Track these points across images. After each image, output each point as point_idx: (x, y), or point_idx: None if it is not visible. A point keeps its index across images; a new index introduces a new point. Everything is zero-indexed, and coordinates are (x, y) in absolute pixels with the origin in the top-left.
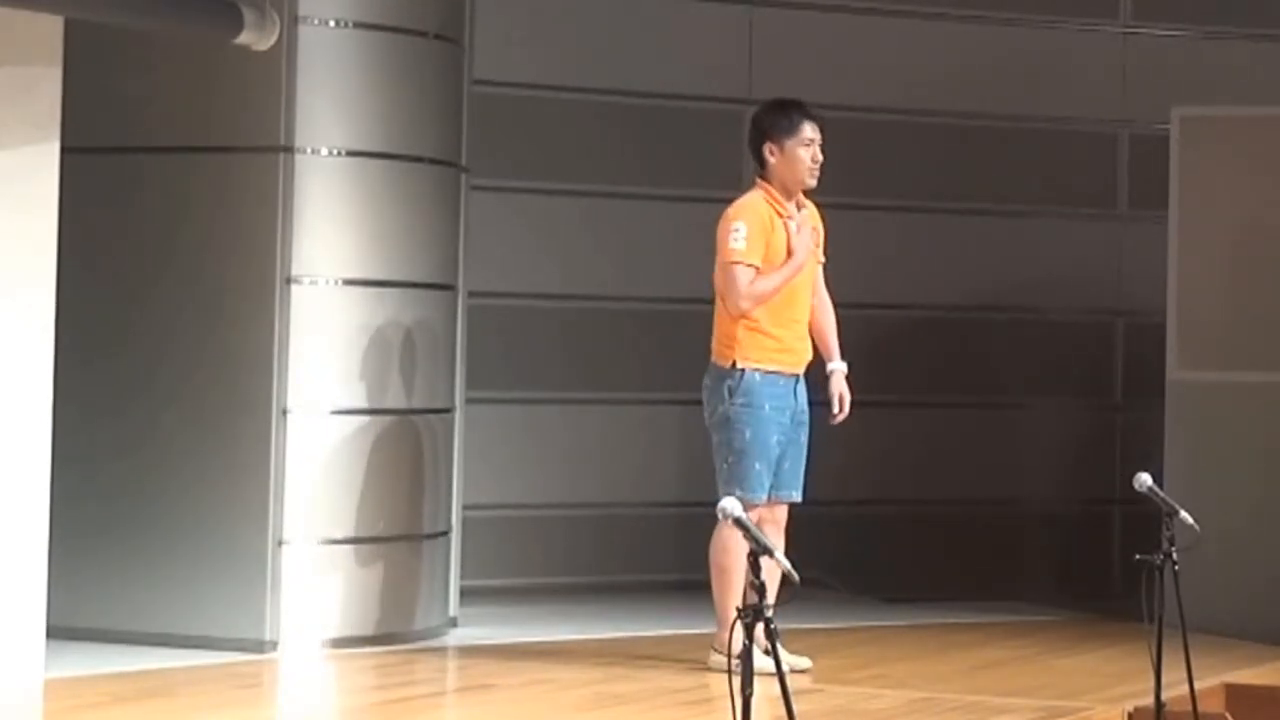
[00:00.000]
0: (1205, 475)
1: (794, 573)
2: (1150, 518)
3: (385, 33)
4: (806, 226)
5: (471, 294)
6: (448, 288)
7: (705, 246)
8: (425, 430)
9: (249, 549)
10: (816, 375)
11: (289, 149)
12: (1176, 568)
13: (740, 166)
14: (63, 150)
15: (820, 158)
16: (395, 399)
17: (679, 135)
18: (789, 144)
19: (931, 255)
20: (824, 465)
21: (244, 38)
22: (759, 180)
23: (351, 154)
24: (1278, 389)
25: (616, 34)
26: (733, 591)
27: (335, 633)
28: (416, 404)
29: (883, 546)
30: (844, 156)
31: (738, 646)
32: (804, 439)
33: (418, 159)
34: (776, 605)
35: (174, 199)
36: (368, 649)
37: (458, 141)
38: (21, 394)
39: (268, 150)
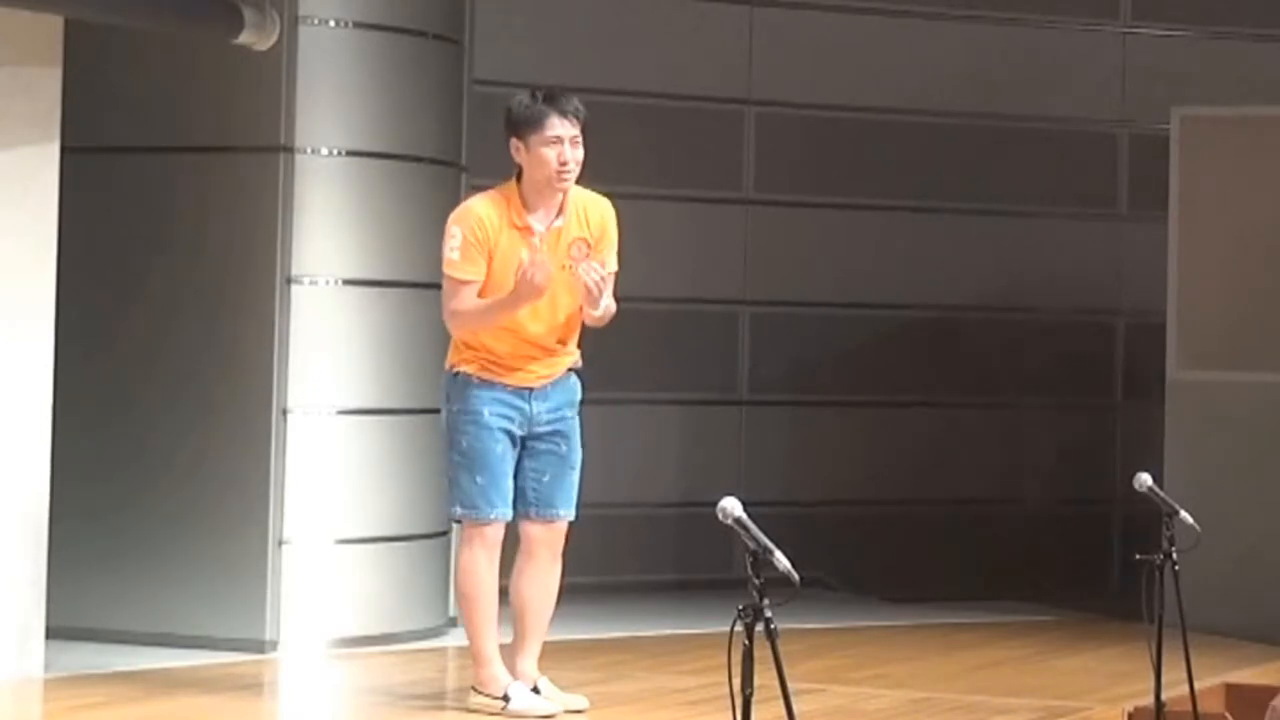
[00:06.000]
0: (1205, 475)
1: (794, 573)
2: (1150, 518)
3: (385, 33)
4: (545, 255)
5: None
6: None
7: (705, 246)
8: (425, 430)
9: (249, 549)
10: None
11: (289, 149)
12: (1176, 568)
13: (740, 166)
14: (63, 150)
15: (570, 158)
16: (395, 399)
17: (679, 135)
18: (533, 140)
19: (932, 255)
20: (824, 465)
21: (244, 38)
22: (513, 179)
23: (351, 154)
24: (1278, 389)
25: (616, 34)
26: (481, 621)
27: (335, 633)
28: (416, 404)
29: (883, 546)
30: (844, 156)
31: (736, 651)
32: (565, 449)
33: (417, 159)
34: (775, 605)
35: (174, 199)
36: (368, 649)
37: (458, 141)
38: (22, 393)
39: (268, 150)
